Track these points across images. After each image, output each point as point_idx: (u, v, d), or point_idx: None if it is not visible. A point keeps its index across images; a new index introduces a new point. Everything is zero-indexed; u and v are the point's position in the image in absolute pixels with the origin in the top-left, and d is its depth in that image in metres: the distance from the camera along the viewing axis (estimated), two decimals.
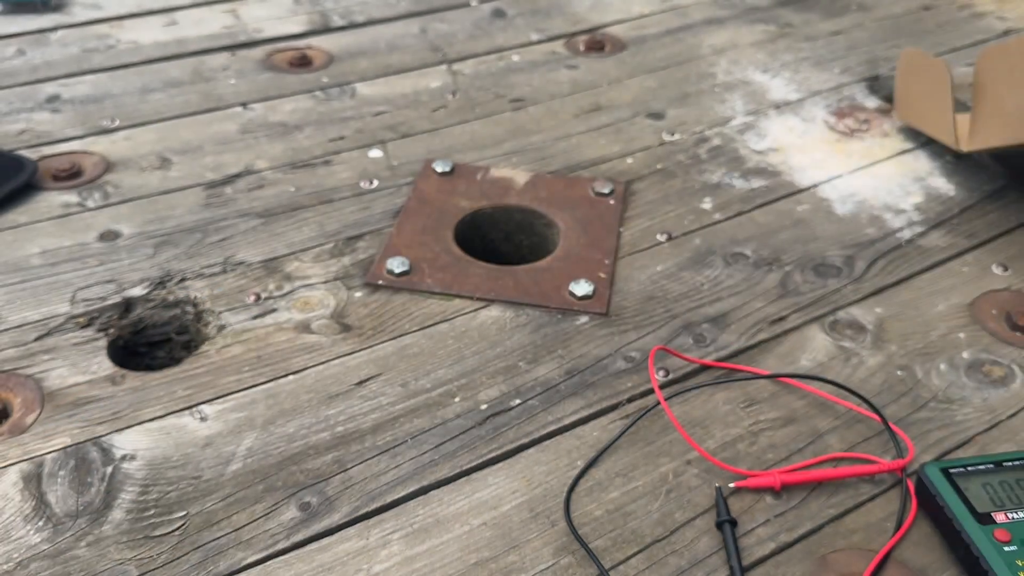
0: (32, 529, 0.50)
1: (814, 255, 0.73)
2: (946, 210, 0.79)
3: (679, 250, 0.73)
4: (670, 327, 0.65)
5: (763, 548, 0.50)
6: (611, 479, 0.54)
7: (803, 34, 1.10)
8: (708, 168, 0.84)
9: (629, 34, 1.09)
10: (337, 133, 0.88)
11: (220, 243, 0.73)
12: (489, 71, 1.00)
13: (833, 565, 0.49)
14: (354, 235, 0.74)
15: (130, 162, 0.83)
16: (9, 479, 0.53)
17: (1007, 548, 0.47)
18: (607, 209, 0.77)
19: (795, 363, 0.62)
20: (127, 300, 0.67)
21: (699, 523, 0.51)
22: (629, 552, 0.50)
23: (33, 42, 1.03)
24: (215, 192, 0.79)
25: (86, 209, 0.77)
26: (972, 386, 0.61)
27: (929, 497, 0.51)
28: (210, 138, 0.87)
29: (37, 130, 0.87)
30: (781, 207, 0.79)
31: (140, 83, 0.96)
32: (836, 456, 0.55)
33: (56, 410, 0.58)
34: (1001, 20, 1.15)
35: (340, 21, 1.11)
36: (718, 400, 0.59)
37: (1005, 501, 0.50)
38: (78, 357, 0.62)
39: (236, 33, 1.07)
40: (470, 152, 0.86)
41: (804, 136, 0.89)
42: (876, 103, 0.95)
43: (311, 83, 0.97)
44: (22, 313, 0.65)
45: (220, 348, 0.63)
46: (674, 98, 0.95)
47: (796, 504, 0.53)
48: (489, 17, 1.13)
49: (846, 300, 0.68)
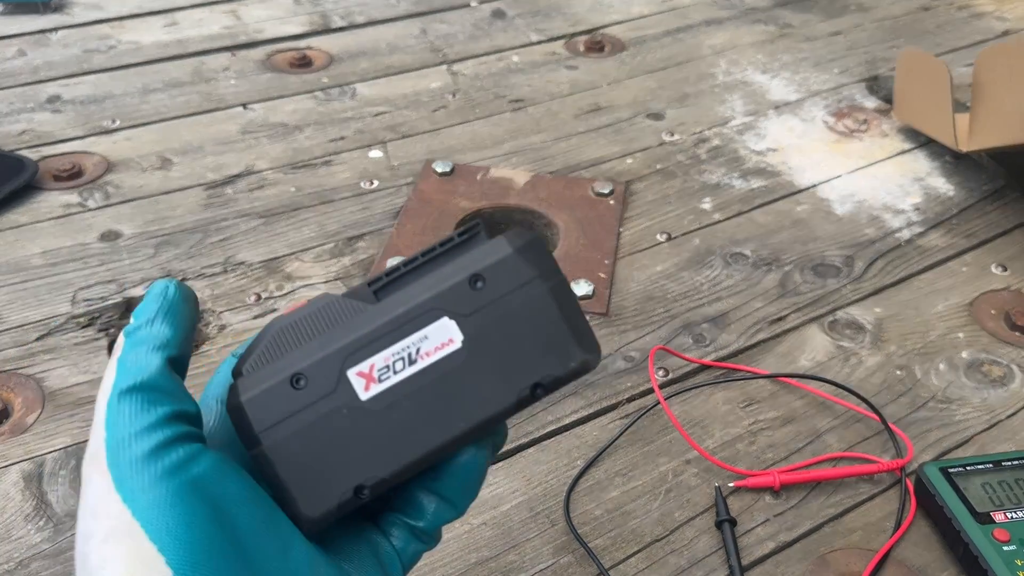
0: (33, 528, 0.51)
1: (813, 255, 0.73)
2: (945, 210, 0.79)
3: (679, 250, 0.73)
4: (670, 327, 0.65)
5: (762, 547, 0.50)
6: (611, 479, 0.54)
7: (802, 35, 1.10)
8: (708, 168, 0.84)
9: (629, 35, 1.09)
10: (337, 133, 0.88)
11: (221, 243, 0.73)
12: (489, 71, 1.00)
13: (832, 564, 0.49)
14: (354, 235, 0.74)
15: (131, 162, 0.83)
16: (10, 479, 0.53)
17: (1006, 548, 0.47)
18: (607, 209, 0.77)
19: (794, 363, 0.62)
20: (128, 300, 0.67)
21: (698, 522, 0.51)
22: (629, 551, 0.50)
23: (34, 43, 1.03)
24: (216, 192, 0.79)
25: (87, 209, 0.77)
26: (971, 386, 0.61)
27: (928, 497, 0.51)
28: (211, 138, 0.87)
29: (38, 130, 0.88)
30: (780, 207, 0.79)
31: (141, 83, 0.96)
32: (835, 456, 0.55)
33: (57, 410, 0.58)
34: (1000, 20, 1.15)
35: (340, 22, 1.11)
36: (717, 400, 0.59)
37: (1004, 501, 0.50)
38: (79, 357, 0.62)
39: (237, 34, 1.07)
40: (470, 152, 0.86)
41: (803, 136, 0.89)
42: (875, 103, 0.95)
43: (311, 83, 0.97)
44: (23, 313, 0.66)
45: (221, 348, 0.63)
46: (674, 99, 0.96)
47: (795, 503, 0.53)
48: (489, 18, 1.13)
49: (845, 300, 0.68)
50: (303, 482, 0.27)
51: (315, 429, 0.27)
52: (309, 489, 0.27)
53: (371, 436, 0.27)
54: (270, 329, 0.29)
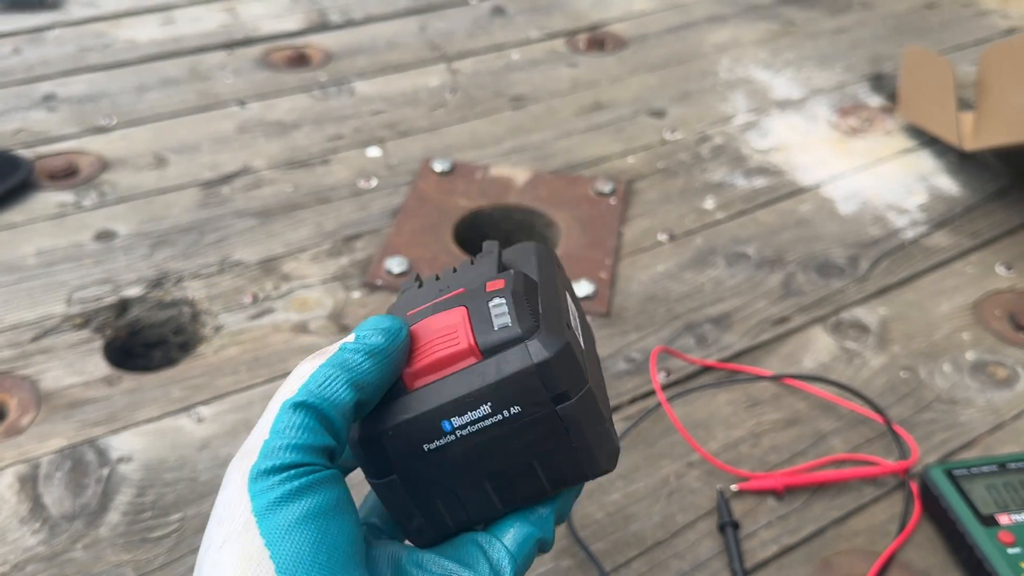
0: (28, 531, 0.50)
1: (817, 255, 0.72)
2: (949, 209, 0.78)
3: (681, 250, 0.73)
4: (672, 327, 0.65)
5: (765, 551, 0.50)
6: (612, 481, 0.53)
7: (806, 32, 1.09)
8: (710, 167, 0.83)
9: (630, 31, 1.09)
10: (335, 132, 0.88)
11: (217, 243, 0.72)
12: (489, 69, 1.00)
13: (836, 568, 0.49)
14: (352, 235, 0.74)
15: (126, 161, 0.82)
16: (5, 481, 0.53)
17: (1010, 550, 0.47)
18: (608, 208, 0.77)
19: (798, 364, 0.62)
20: (123, 300, 0.66)
21: (701, 525, 0.51)
22: (630, 555, 0.49)
23: (29, 40, 1.03)
24: (212, 191, 0.79)
25: (82, 209, 0.76)
26: (976, 387, 0.60)
27: (932, 499, 0.51)
28: (207, 137, 0.86)
29: (33, 129, 0.87)
30: (784, 206, 0.78)
31: (137, 82, 0.95)
32: (839, 458, 0.55)
33: (52, 411, 0.57)
34: (1004, 18, 1.14)
35: (338, 19, 1.10)
36: (720, 401, 0.59)
37: (1009, 503, 0.49)
38: (74, 358, 0.61)
39: (233, 31, 1.06)
40: (469, 151, 0.85)
41: (807, 135, 0.89)
42: (879, 101, 0.95)
43: (309, 81, 0.96)
44: (18, 313, 0.65)
45: (217, 349, 0.62)
46: (676, 96, 0.95)
47: (799, 506, 0.52)
48: (488, 15, 1.12)
49: (849, 300, 0.68)
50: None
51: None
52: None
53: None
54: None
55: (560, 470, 0.30)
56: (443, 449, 0.29)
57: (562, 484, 0.30)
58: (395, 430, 0.29)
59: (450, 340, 0.29)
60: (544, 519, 0.31)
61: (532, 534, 0.30)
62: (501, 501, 0.30)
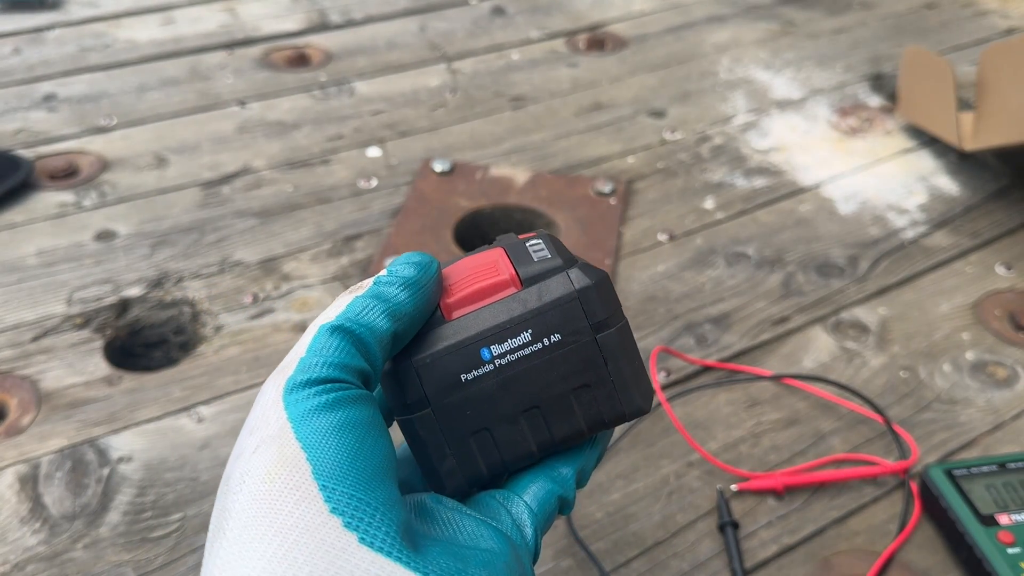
0: (29, 531, 0.50)
1: (817, 255, 0.72)
2: (949, 209, 0.78)
3: (681, 250, 0.73)
4: (672, 327, 0.65)
5: (765, 550, 0.50)
6: (612, 481, 0.53)
7: (806, 32, 1.09)
8: (710, 167, 0.83)
9: (630, 32, 1.09)
10: (335, 132, 0.88)
11: (217, 243, 0.72)
12: (489, 69, 1.00)
13: (836, 567, 0.49)
14: (352, 235, 0.74)
15: (127, 161, 0.82)
16: (5, 481, 0.53)
17: (1010, 550, 0.47)
18: (608, 209, 0.77)
19: (798, 364, 0.62)
20: (123, 300, 0.67)
21: (701, 525, 0.51)
22: (630, 555, 0.49)
23: (29, 40, 1.03)
24: (212, 191, 0.79)
25: (82, 209, 0.76)
26: (976, 387, 0.60)
27: (932, 499, 0.51)
28: (207, 137, 0.86)
29: (33, 129, 0.87)
30: (783, 206, 0.78)
31: (137, 82, 0.95)
32: (839, 458, 0.55)
33: (52, 411, 0.57)
34: (1004, 18, 1.14)
35: (338, 19, 1.10)
36: (720, 401, 0.59)
37: (1009, 503, 0.49)
38: (74, 358, 0.61)
39: (233, 31, 1.06)
40: (469, 151, 0.85)
41: (807, 135, 0.89)
42: (879, 101, 0.95)
43: (309, 81, 0.96)
44: (18, 313, 0.65)
45: (217, 349, 0.62)
46: (675, 96, 0.95)
47: (799, 506, 0.52)
48: (489, 15, 1.12)
49: (849, 300, 0.68)
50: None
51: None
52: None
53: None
54: None
55: (597, 408, 0.30)
56: (481, 379, 0.29)
57: (599, 425, 0.30)
58: (433, 357, 0.29)
59: (490, 272, 0.29)
60: (566, 478, 0.31)
61: (553, 491, 0.30)
62: (536, 443, 0.30)
